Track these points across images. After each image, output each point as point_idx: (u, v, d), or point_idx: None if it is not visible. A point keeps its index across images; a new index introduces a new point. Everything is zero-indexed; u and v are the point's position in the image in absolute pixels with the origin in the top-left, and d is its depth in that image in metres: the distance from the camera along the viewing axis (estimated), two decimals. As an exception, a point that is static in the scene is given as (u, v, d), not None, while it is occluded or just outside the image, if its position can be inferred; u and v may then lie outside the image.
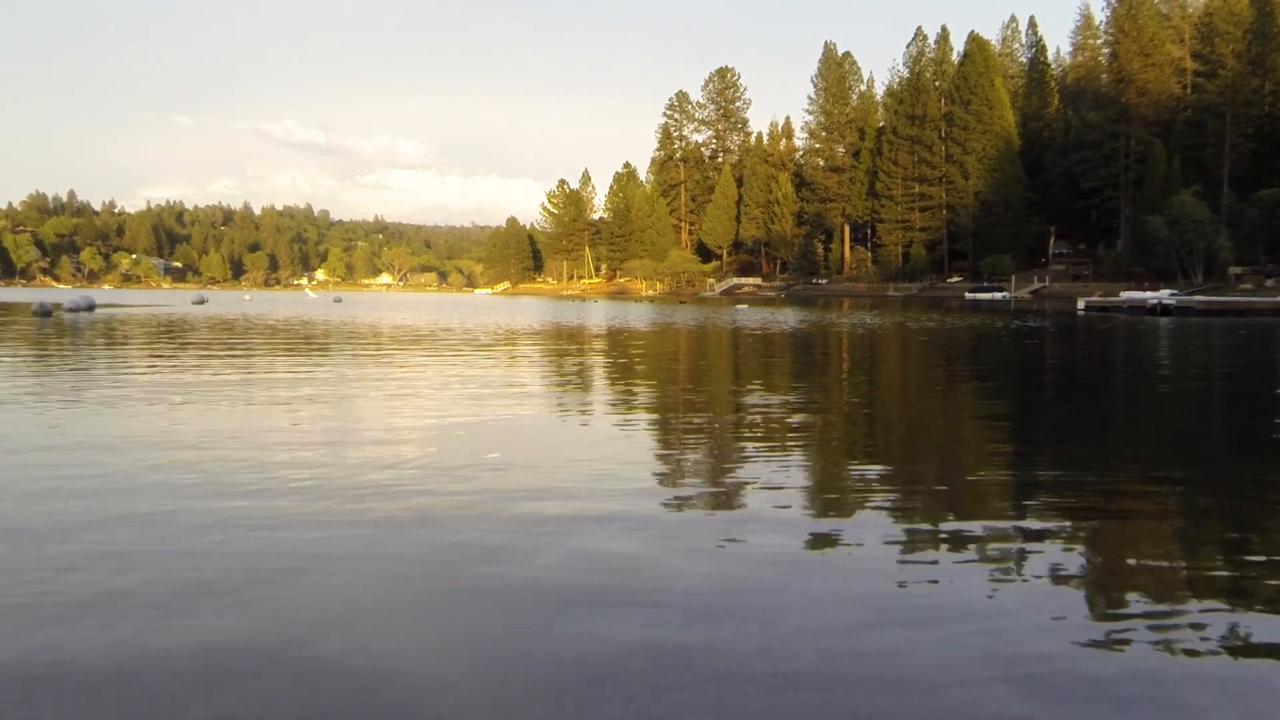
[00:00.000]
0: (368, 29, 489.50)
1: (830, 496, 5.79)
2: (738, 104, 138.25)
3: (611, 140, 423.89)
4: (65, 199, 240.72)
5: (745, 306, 58.75)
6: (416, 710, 2.79)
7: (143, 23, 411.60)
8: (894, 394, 12.69)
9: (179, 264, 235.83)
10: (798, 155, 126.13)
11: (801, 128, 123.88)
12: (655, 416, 9.29)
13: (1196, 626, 3.49)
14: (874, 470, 6.58)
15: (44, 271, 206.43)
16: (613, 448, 7.33)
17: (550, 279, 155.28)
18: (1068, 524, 4.93)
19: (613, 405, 10.29)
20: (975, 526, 4.88)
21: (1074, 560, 4.33)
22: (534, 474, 6.17)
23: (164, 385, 11.43)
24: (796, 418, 9.11)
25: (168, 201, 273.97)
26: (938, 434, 8.62)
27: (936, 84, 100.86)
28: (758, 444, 7.43)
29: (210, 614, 3.51)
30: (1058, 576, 4.07)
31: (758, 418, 8.97)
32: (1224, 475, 6.70)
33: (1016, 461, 7.27)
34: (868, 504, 5.42)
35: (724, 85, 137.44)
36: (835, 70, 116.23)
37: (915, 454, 7.47)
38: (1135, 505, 5.60)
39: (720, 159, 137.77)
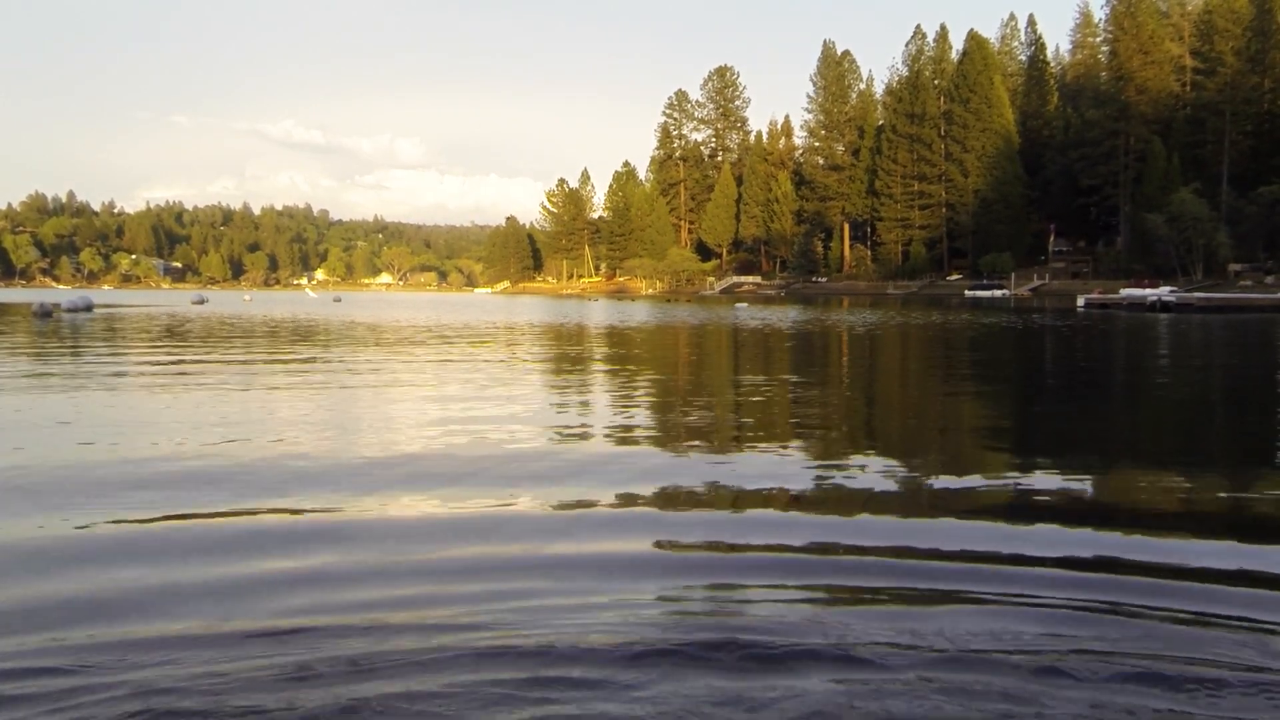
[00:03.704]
0: (367, 29, 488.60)
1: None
2: (737, 103, 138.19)
3: (611, 140, 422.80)
4: (65, 199, 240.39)
5: (745, 305, 58.79)
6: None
7: (142, 23, 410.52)
8: (899, 384, 12.69)
9: (179, 264, 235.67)
10: (797, 154, 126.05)
11: (801, 126, 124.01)
12: (661, 404, 9.32)
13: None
14: (876, 453, 6.62)
15: (44, 272, 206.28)
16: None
17: (550, 278, 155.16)
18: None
19: (619, 395, 10.31)
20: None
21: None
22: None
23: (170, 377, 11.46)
24: (802, 410, 9.12)
25: (167, 202, 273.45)
26: (938, 418, 8.64)
27: (936, 82, 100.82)
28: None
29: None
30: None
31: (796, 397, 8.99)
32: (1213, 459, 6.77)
33: (1013, 455, 7.27)
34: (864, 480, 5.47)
35: (723, 84, 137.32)
36: (834, 69, 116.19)
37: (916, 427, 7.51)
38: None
39: (720, 158, 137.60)
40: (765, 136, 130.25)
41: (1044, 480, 5.92)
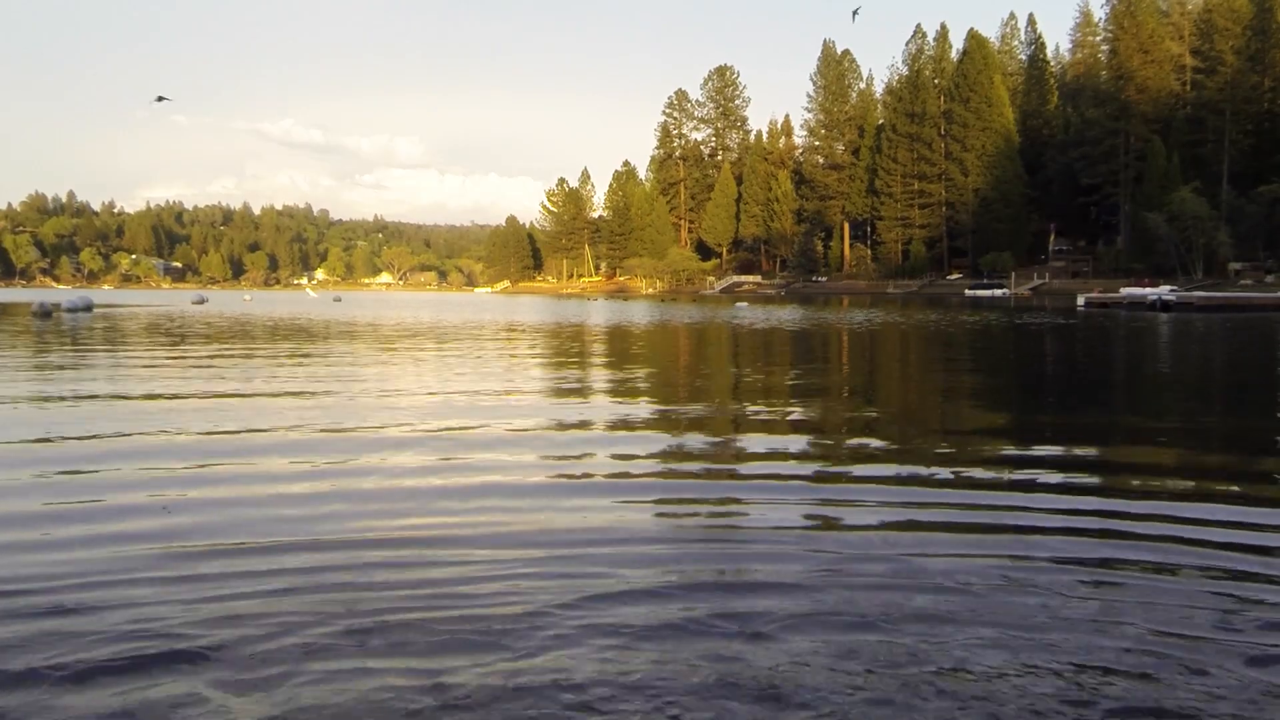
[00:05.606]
0: (367, 29, 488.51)
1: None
2: (737, 102, 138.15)
3: (611, 139, 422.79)
4: (65, 199, 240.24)
5: (746, 304, 58.80)
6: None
7: (141, 22, 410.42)
8: (901, 380, 12.71)
9: (179, 264, 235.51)
10: (797, 153, 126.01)
11: (801, 125, 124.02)
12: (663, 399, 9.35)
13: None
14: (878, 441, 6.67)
15: (44, 272, 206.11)
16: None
17: (550, 278, 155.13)
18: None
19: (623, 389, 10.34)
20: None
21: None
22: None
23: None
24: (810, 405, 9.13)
25: (167, 202, 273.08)
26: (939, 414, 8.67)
27: (936, 81, 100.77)
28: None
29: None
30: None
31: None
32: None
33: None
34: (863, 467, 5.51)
35: (723, 84, 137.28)
36: (834, 68, 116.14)
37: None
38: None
39: (720, 157, 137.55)
40: (765, 136, 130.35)
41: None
